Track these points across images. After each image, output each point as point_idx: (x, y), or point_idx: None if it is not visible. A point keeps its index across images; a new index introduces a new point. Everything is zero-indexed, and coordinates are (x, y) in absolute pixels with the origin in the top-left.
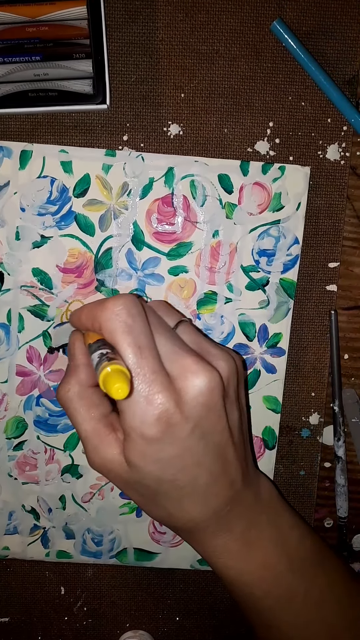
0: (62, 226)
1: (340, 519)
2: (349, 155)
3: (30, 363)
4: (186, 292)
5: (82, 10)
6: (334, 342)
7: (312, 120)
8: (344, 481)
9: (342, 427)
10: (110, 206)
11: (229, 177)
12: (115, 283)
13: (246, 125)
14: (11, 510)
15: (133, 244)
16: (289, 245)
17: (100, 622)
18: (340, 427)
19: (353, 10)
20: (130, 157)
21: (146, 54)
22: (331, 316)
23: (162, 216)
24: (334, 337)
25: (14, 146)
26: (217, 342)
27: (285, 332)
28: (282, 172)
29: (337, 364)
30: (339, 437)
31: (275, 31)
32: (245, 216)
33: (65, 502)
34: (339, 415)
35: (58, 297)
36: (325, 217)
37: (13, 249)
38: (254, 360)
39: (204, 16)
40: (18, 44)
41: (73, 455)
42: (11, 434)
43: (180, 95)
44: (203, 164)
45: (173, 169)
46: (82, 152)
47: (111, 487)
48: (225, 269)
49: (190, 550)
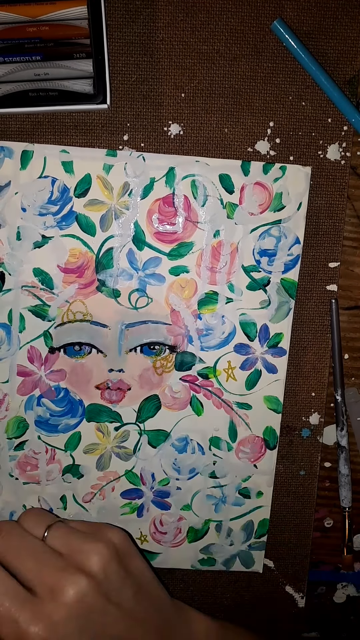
0: (63, 226)
1: (345, 509)
2: (350, 155)
3: (31, 363)
4: (187, 292)
5: (82, 10)
6: (335, 331)
7: (313, 120)
8: (348, 470)
9: (345, 416)
10: (111, 206)
11: (230, 177)
12: (116, 283)
13: (246, 125)
14: (12, 510)
15: (134, 244)
16: (290, 245)
17: None
18: (343, 416)
19: (353, 10)
20: (131, 157)
21: (146, 53)
22: (332, 305)
23: (163, 216)
24: (334, 325)
25: (15, 146)
26: (93, 524)
27: (286, 332)
28: (283, 172)
29: (338, 354)
30: (342, 427)
31: (275, 31)
32: (246, 216)
33: (66, 502)
34: (342, 404)
35: (59, 297)
36: (326, 217)
37: (14, 249)
38: (255, 360)
39: (204, 16)
40: (18, 44)
41: (74, 455)
42: (12, 434)
43: (181, 95)
44: (204, 164)
45: (174, 169)
46: (83, 152)
47: (112, 487)
48: (226, 269)
49: (191, 550)
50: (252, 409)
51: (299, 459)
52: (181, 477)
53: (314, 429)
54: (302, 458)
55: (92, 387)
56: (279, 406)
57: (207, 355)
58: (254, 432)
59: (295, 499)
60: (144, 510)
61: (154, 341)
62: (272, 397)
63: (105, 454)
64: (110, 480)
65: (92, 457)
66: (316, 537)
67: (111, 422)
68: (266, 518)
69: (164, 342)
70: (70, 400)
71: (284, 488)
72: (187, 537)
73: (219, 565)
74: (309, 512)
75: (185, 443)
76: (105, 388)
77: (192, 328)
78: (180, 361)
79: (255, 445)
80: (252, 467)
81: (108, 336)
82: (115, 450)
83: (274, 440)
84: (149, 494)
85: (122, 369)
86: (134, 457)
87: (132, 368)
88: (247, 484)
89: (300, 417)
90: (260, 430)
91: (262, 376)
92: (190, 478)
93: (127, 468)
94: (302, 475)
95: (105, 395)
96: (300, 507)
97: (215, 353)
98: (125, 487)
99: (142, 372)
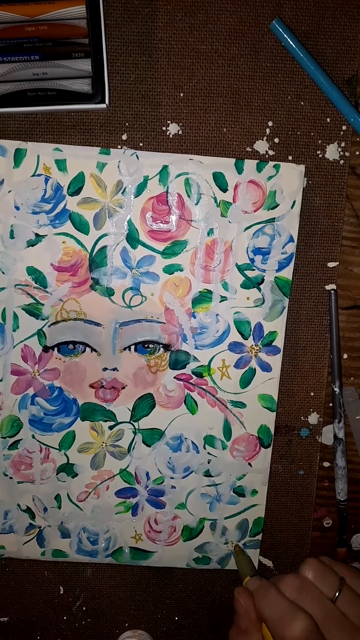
0: (57, 224)
1: (340, 502)
2: (348, 154)
3: (25, 362)
4: (181, 290)
5: (81, 9)
6: (334, 322)
7: (312, 119)
8: (344, 463)
9: (342, 408)
10: (105, 204)
11: (223, 175)
12: (110, 281)
13: (245, 124)
14: (6, 509)
15: (128, 242)
16: (284, 244)
17: (99, 622)
18: (341, 408)
19: (352, 10)
20: (124, 155)
21: (145, 53)
22: (331, 295)
23: (156, 214)
24: (333, 315)
25: (8, 144)
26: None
27: (281, 331)
28: (277, 170)
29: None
30: (339, 419)
31: (274, 30)
32: (240, 214)
33: (60, 501)
34: (339, 396)
35: (53, 296)
36: (324, 216)
37: (7, 247)
38: (249, 358)
39: (203, 15)
40: (17, 43)
41: (68, 454)
42: (6, 433)
43: (180, 94)
44: (198, 162)
45: (168, 167)
46: (76, 151)
47: (106, 486)
48: (220, 267)
49: (186, 549)
50: (247, 407)
51: (297, 458)
52: (176, 475)
53: (312, 429)
54: (300, 458)
55: (86, 386)
56: (274, 404)
57: (201, 354)
58: (248, 431)
59: (294, 498)
60: (138, 509)
61: (148, 340)
62: (267, 395)
63: (99, 453)
64: (104, 479)
65: (86, 456)
66: (315, 537)
67: (105, 421)
68: (261, 516)
69: (158, 341)
70: (65, 399)
71: (282, 488)
72: (182, 536)
73: (214, 564)
74: (307, 512)
75: (180, 442)
76: (99, 387)
77: (186, 326)
78: (175, 360)
79: (250, 443)
80: (246, 465)
81: (102, 335)
82: (110, 449)
83: (269, 439)
84: (143, 492)
85: (116, 367)
86: (129, 456)
87: (126, 367)
88: (242, 483)
89: (299, 417)
90: (255, 428)
91: (256, 374)
92: (184, 477)
93: (122, 467)
94: (301, 475)
95: (100, 394)
96: (299, 506)
97: (209, 351)
98: (119, 485)
99: (137, 370)
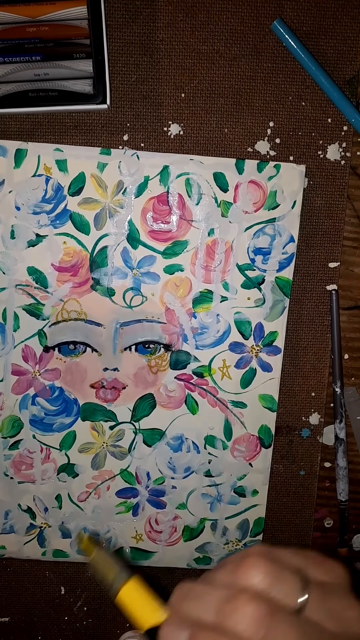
0: (57, 225)
1: (341, 502)
2: (349, 155)
3: (25, 362)
4: (182, 290)
5: (82, 10)
6: (335, 322)
7: (313, 120)
8: (345, 463)
9: (343, 408)
10: (106, 205)
11: (224, 176)
12: (111, 282)
13: (246, 125)
14: (7, 509)
15: (128, 242)
16: (285, 244)
17: (101, 622)
18: (342, 408)
19: (353, 10)
20: (125, 156)
21: (146, 53)
22: (332, 295)
23: (157, 214)
24: (334, 316)
25: (9, 145)
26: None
27: (281, 331)
28: (278, 170)
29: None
30: (340, 419)
31: (275, 31)
32: (241, 214)
33: (61, 501)
34: (340, 396)
35: (53, 296)
36: (326, 217)
37: (8, 247)
38: (250, 358)
39: (204, 16)
40: (18, 44)
41: (69, 454)
42: (7, 433)
43: (181, 95)
44: (198, 162)
45: (168, 167)
46: (77, 151)
47: (107, 486)
48: (221, 267)
49: (186, 550)
50: (247, 408)
51: (298, 459)
52: (176, 476)
53: (313, 429)
54: (302, 458)
55: (87, 386)
56: (274, 405)
57: (202, 354)
58: (249, 431)
59: (295, 499)
60: (139, 509)
61: (149, 340)
62: (267, 395)
63: (100, 453)
64: (105, 479)
65: (87, 456)
66: (316, 537)
67: (106, 421)
68: (262, 517)
69: (158, 341)
70: (65, 399)
71: (284, 488)
72: (183, 536)
73: (214, 564)
74: (309, 512)
75: (181, 442)
76: (100, 387)
77: (186, 327)
78: (175, 360)
79: (251, 443)
80: (247, 465)
81: (103, 335)
82: (110, 449)
83: (269, 439)
84: (144, 492)
85: (117, 367)
86: (129, 456)
87: (127, 367)
88: (243, 483)
89: (300, 417)
90: (256, 428)
91: (257, 374)
92: (185, 477)
93: (122, 467)
94: (302, 475)
95: (100, 394)
96: (300, 507)
97: (210, 351)
98: (120, 486)
99: (137, 370)
